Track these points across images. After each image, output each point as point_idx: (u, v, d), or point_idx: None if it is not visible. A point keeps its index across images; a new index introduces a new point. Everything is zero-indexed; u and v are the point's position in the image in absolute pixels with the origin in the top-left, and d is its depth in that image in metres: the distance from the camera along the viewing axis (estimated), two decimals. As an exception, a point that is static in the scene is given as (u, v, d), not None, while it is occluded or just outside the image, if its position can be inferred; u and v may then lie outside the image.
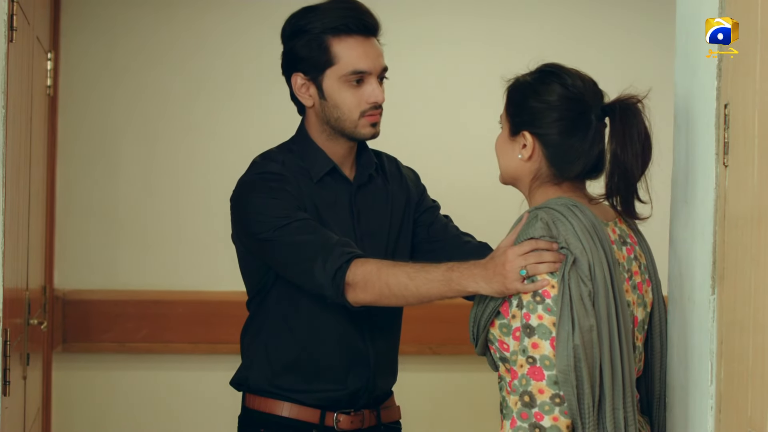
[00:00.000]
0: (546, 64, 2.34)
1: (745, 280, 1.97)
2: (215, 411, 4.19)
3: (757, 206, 1.91)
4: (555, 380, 2.13)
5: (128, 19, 4.24)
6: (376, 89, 2.61)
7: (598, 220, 2.24)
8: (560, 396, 2.12)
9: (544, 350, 2.14)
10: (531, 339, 2.16)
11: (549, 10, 4.37)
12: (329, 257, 2.44)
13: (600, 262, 2.18)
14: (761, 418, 1.88)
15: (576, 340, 2.12)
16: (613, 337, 2.18)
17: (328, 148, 2.67)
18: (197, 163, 4.26)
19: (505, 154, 2.35)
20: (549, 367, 2.14)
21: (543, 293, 2.17)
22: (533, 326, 2.16)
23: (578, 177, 2.31)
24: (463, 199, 4.10)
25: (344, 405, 2.66)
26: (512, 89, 2.35)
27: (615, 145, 2.25)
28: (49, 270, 4.10)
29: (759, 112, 1.92)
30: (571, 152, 2.27)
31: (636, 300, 2.29)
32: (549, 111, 2.27)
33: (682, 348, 2.27)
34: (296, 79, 2.64)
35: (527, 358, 2.16)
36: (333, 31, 2.59)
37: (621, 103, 2.27)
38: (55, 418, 4.20)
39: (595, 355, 2.15)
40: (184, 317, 4.19)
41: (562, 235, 2.18)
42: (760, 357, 1.89)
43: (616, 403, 2.17)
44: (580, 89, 2.28)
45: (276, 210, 2.54)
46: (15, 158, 2.82)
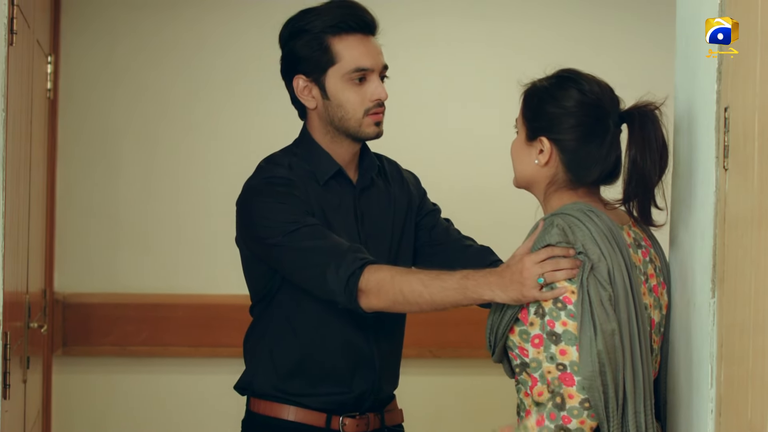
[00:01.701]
0: (563, 69, 2.34)
1: (745, 282, 1.96)
2: (216, 415, 4.19)
3: (757, 209, 1.91)
4: (584, 385, 2.14)
5: (128, 21, 4.24)
6: (379, 86, 2.60)
7: (615, 224, 2.24)
8: (588, 400, 2.14)
9: (572, 356, 2.15)
10: (558, 346, 2.16)
11: (550, 12, 4.37)
12: (342, 263, 2.43)
13: (619, 266, 2.18)
14: (761, 421, 1.88)
15: (599, 346, 2.13)
16: (634, 341, 2.18)
17: (333, 150, 2.66)
18: (197, 166, 4.26)
19: (521, 158, 2.35)
20: (578, 372, 2.14)
21: (564, 299, 2.17)
22: (558, 333, 2.17)
23: (594, 183, 2.31)
24: (467, 200, 4.10)
25: (350, 408, 2.66)
26: (529, 94, 2.34)
27: (634, 152, 2.25)
28: (50, 273, 4.10)
29: (759, 115, 1.92)
30: (589, 158, 2.28)
31: (652, 303, 2.30)
32: (567, 117, 2.27)
33: (682, 351, 2.27)
34: (298, 82, 2.64)
35: (557, 365, 2.16)
36: (333, 29, 2.58)
37: (639, 110, 2.27)
38: (55, 421, 4.20)
39: (618, 359, 2.15)
40: (184, 320, 4.19)
41: (579, 240, 2.18)
42: (760, 360, 1.89)
43: (637, 406, 2.18)
44: (597, 95, 2.29)
45: (284, 215, 2.53)
46: (15, 161, 2.82)
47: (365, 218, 2.68)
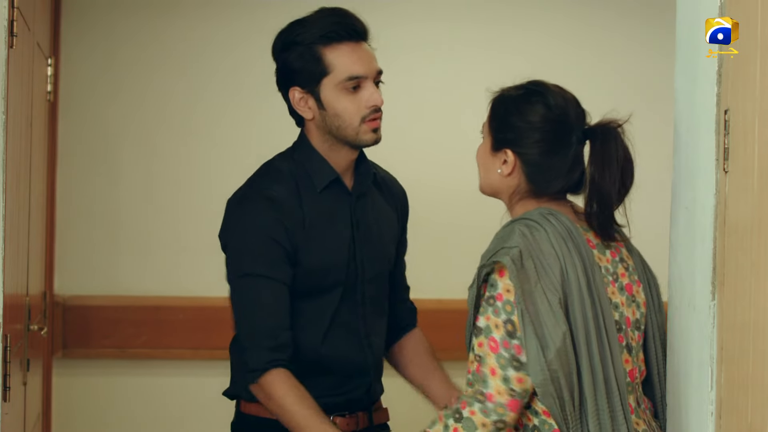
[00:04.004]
0: (531, 81, 2.37)
1: (745, 285, 1.96)
2: (215, 417, 4.16)
3: (757, 212, 1.91)
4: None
5: (128, 25, 4.24)
6: (374, 93, 2.60)
7: (575, 225, 2.28)
8: (484, 394, 2.20)
9: (485, 349, 2.22)
10: (477, 339, 2.23)
11: (548, 17, 4.37)
12: (262, 351, 2.54)
13: (574, 266, 2.22)
14: (761, 424, 1.88)
15: (550, 355, 2.17)
16: (591, 339, 2.21)
17: (331, 157, 2.67)
18: (197, 169, 4.26)
19: (486, 167, 2.39)
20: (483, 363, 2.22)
21: (496, 296, 2.22)
22: (480, 327, 2.23)
23: (557, 193, 2.35)
24: (463, 205, 4.10)
25: (341, 409, 2.67)
26: (497, 103, 2.38)
27: (593, 169, 2.29)
28: (50, 276, 4.10)
29: (759, 117, 1.92)
30: (551, 172, 2.32)
31: (625, 301, 2.32)
32: (531, 131, 2.31)
33: (682, 353, 2.27)
34: (294, 93, 2.64)
35: (475, 356, 2.23)
36: (323, 40, 2.59)
37: (601, 127, 2.31)
38: (55, 423, 4.19)
39: (571, 360, 2.19)
40: (184, 323, 4.19)
41: (537, 242, 2.22)
42: (760, 362, 1.89)
43: (599, 404, 2.20)
44: (563, 110, 2.32)
45: (249, 255, 2.59)
46: (15, 164, 2.82)
47: (360, 225, 2.69)
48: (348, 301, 2.66)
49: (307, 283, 2.61)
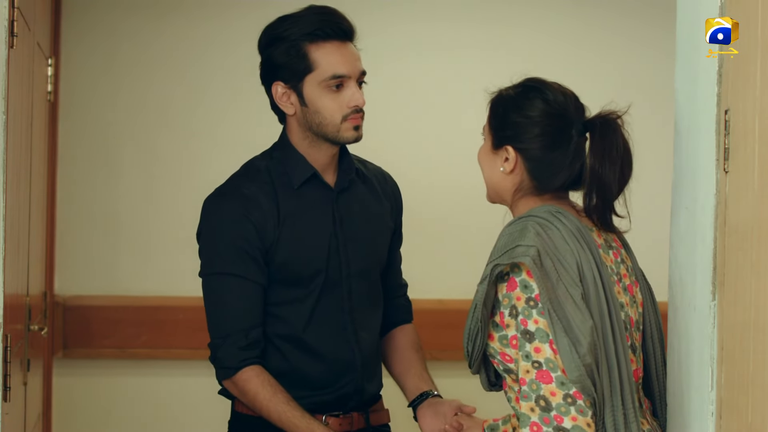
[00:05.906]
0: (529, 78, 2.38)
1: (745, 285, 1.96)
2: (215, 417, 4.17)
3: (757, 212, 1.91)
4: (562, 381, 2.15)
5: (129, 25, 4.24)
6: (356, 93, 2.61)
7: (583, 224, 2.28)
8: (571, 395, 2.14)
9: (546, 353, 2.16)
10: (532, 344, 2.18)
11: (548, 17, 4.37)
12: (234, 350, 2.61)
13: (588, 263, 2.22)
14: (762, 424, 1.88)
15: (582, 350, 2.14)
16: (607, 337, 2.21)
17: (310, 155, 2.68)
18: (198, 169, 4.26)
19: (488, 166, 2.39)
20: (554, 369, 2.15)
21: (535, 297, 2.18)
22: (531, 331, 2.18)
23: (560, 189, 2.35)
24: (463, 206, 4.10)
25: (333, 408, 2.68)
26: (495, 102, 2.39)
27: (593, 160, 2.29)
28: (50, 276, 4.10)
29: (759, 117, 1.92)
30: (553, 166, 2.32)
31: (628, 301, 2.32)
32: (531, 126, 2.31)
33: (683, 354, 2.27)
34: (276, 88, 2.65)
35: (532, 363, 2.17)
36: (309, 37, 2.60)
37: (601, 118, 2.31)
38: (56, 424, 4.19)
39: (600, 354, 2.18)
40: (184, 323, 4.19)
41: (552, 240, 2.21)
42: (760, 363, 1.89)
43: (615, 402, 2.20)
44: (561, 104, 2.33)
45: (220, 254, 2.64)
46: (15, 164, 2.82)
47: (344, 221, 2.70)
48: (331, 296, 2.67)
49: (284, 274, 2.64)
